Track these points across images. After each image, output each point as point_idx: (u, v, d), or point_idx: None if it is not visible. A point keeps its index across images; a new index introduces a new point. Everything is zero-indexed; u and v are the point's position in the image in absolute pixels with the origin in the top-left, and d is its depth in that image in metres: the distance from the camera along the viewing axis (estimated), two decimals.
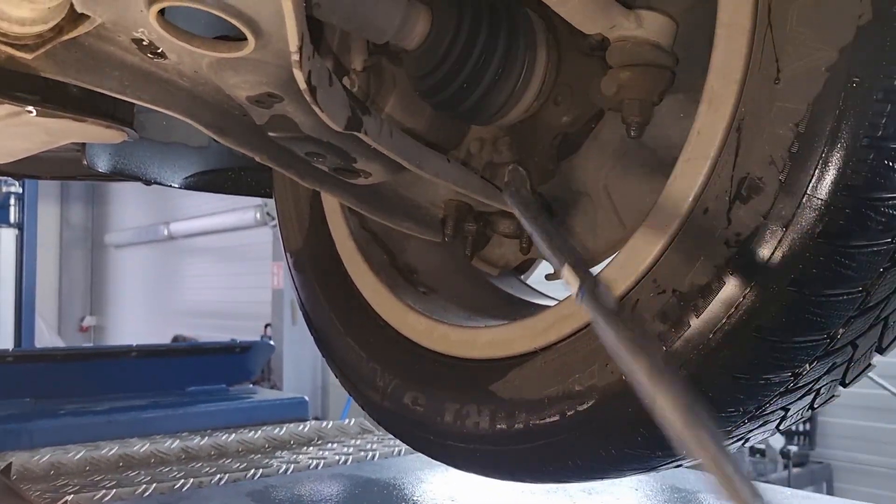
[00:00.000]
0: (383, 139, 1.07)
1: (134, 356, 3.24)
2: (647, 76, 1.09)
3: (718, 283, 0.93)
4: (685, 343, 0.96)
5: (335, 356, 1.52)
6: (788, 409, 1.08)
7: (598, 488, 1.79)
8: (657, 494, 1.80)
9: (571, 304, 1.13)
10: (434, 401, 1.29)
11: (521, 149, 1.34)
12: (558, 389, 1.10)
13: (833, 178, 0.85)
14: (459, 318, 1.39)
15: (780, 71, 0.89)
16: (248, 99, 1.03)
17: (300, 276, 1.62)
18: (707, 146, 0.97)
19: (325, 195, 1.58)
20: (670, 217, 1.00)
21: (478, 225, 1.38)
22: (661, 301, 0.99)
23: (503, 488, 1.78)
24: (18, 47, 0.87)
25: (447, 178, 1.18)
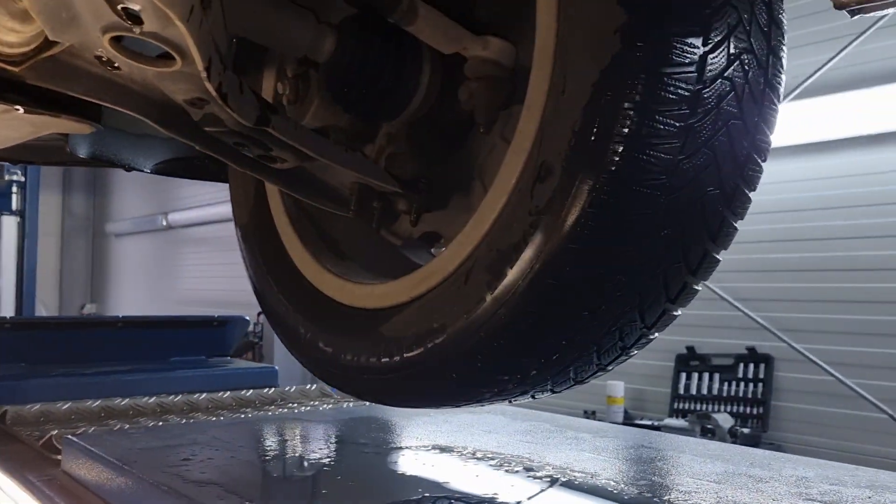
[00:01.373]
0: (289, 132, 1.39)
1: (120, 326, 3.57)
2: (490, 85, 1.42)
3: (524, 243, 1.25)
4: (504, 289, 1.28)
5: (270, 310, 1.85)
6: (599, 345, 1.40)
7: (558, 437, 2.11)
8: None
9: (438, 263, 1.46)
10: (339, 343, 1.62)
11: (415, 142, 1.67)
12: (424, 328, 1.43)
13: (598, 165, 1.18)
14: (367, 278, 1.72)
15: (566, 85, 1.21)
16: (185, 101, 1.35)
17: (247, 245, 1.95)
18: (525, 141, 1.29)
19: None
20: (501, 195, 1.33)
21: (382, 203, 1.70)
22: (490, 257, 1.32)
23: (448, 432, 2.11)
24: (8, 63, 1.19)
25: (346, 165, 1.51)
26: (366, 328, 1.57)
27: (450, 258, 1.43)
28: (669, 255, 1.30)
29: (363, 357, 1.55)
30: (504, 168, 1.34)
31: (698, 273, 1.39)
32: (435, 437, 2.06)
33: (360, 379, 1.58)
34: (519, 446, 2.01)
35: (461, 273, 1.38)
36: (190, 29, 1.04)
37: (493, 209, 1.34)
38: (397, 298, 1.53)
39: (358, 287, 1.65)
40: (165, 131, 1.44)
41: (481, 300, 1.32)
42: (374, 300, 1.58)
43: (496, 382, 1.42)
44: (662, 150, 1.18)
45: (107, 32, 1.15)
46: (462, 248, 1.40)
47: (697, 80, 1.18)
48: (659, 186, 1.20)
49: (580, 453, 1.93)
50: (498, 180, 1.35)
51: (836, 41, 5.94)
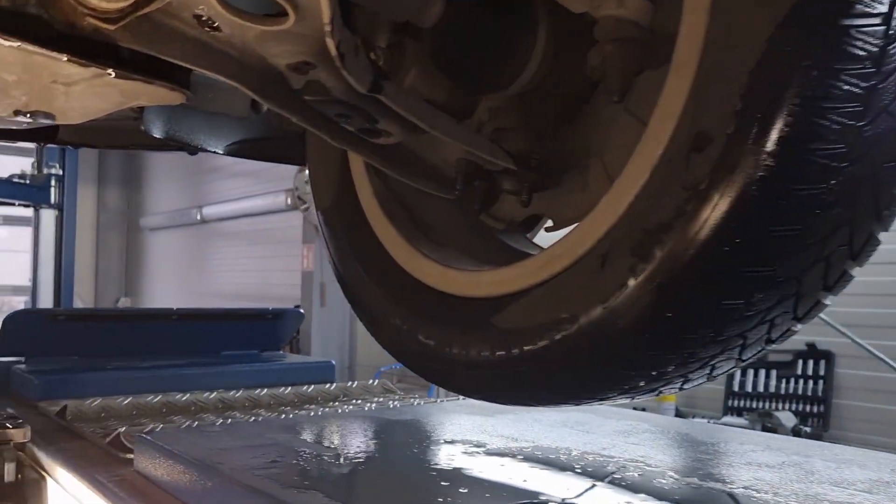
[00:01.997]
0: (400, 101, 1.26)
1: (174, 319, 3.47)
2: (626, 48, 1.27)
3: (677, 220, 1.11)
4: (651, 273, 1.14)
5: (359, 300, 1.72)
6: (746, 338, 1.25)
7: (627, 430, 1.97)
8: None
9: (563, 245, 1.32)
10: (444, 335, 1.48)
11: (524, 115, 1.53)
12: (549, 318, 1.29)
13: (769, 131, 1.03)
14: (468, 265, 1.58)
15: (729, 43, 1.06)
16: (287, 66, 1.22)
17: (329, 230, 1.82)
18: (673, 107, 1.14)
19: (352, 159, 1.78)
20: (643, 168, 1.18)
21: (486, 183, 1.56)
22: (633, 238, 1.17)
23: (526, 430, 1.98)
24: (104, 20, 1.07)
25: (456, 138, 1.37)
26: (475, 319, 1.43)
27: (578, 240, 1.28)
28: (836, 236, 1.15)
29: (473, 351, 1.42)
30: (646, 139, 1.19)
31: (859, 258, 1.23)
32: (535, 437, 1.92)
33: (468, 375, 1.45)
34: (629, 448, 1.86)
35: (594, 256, 1.24)
36: None
37: (633, 184, 1.20)
38: (513, 286, 1.39)
39: (462, 274, 1.51)
40: (262, 100, 1.31)
41: (622, 286, 1.17)
42: (484, 288, 1.44)
43: (628, 379, 1.28)
44: (843, 115, 1.03)
45: None
46: (594, 229, 1.25)
47: (885, 35, 1.03)
48: (835, 157, 1.05)
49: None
50: (638, 152, 1.20)
51: None
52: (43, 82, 1.15)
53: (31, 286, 12.02)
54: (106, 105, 1.28)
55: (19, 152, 13.45)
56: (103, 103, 1.27)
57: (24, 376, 2.99)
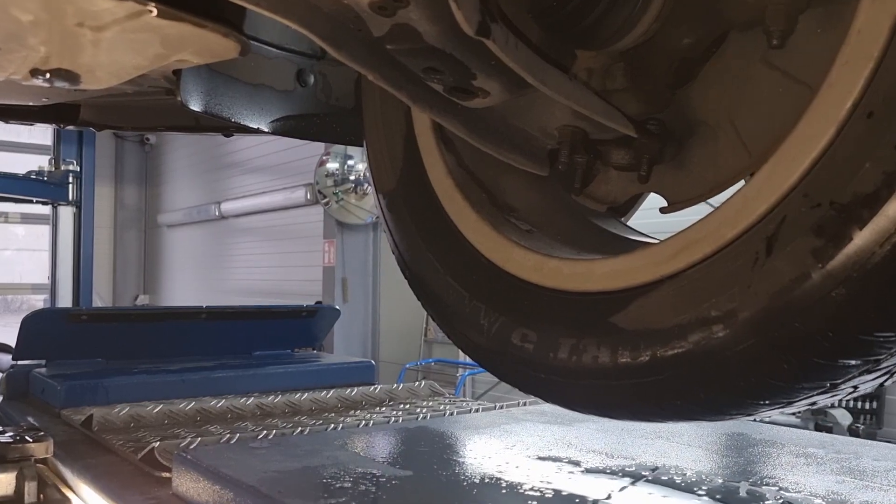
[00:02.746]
0: (510, 50, 1.01)
1: (203, 318, 3.24)
2: None
3: (888, 190, 0.85)
4: (847, 259, 0.89)
5: (432, 296, 1.48)
6: None
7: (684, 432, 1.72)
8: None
9: (704, 227, 1.07)
10: (547, 337, 1.24)
11: (636, 74, 1.27)
12: (693, 317, 1.04)
13: None
14: (568, 253, 1.33)
15: None
16: (371, 5, 0.98)
17: (394, 216, 1.58)
18: (870, 45, 0.89)
19: (420, 134, 1.53)
20: (825, 125, 0.93)
21: (588, 156, 1.31)
22: (815, 215, 0.92)
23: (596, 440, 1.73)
24: None
25: (570, 98, 1.12)
26: (589, 317, 1.18)
27: (727, 221, 1.03)
28: None
29: (586, 356, 1.17)
30: (828, 89, 0.94)
31: None
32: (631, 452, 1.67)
33: (580, 385, 1.20)
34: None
35: (756, 239, 0.98)
36: None
37: (808, 149, 0.94)
38: (636, 278, 1.14)
39: (566, 264, 1.26)
40: (332, 51, 1.07)
41: (803, 277, 0.92)
42: (597, 281, 1.19)
43: (795, 391, 1.03)
44: None
45: None
46: (750, 207, 1.00)
47: None
48: None
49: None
50: (816, 106, 0.95)
51: None
52: (67, 24, 0.90)
53: (50, 284, 11.88)
54: (142, 59, 1.04)
55: (36, 150, 13.31)
56: (139, 57, 1.02)
57: (45, 381, 2.77)
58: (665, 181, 1.32)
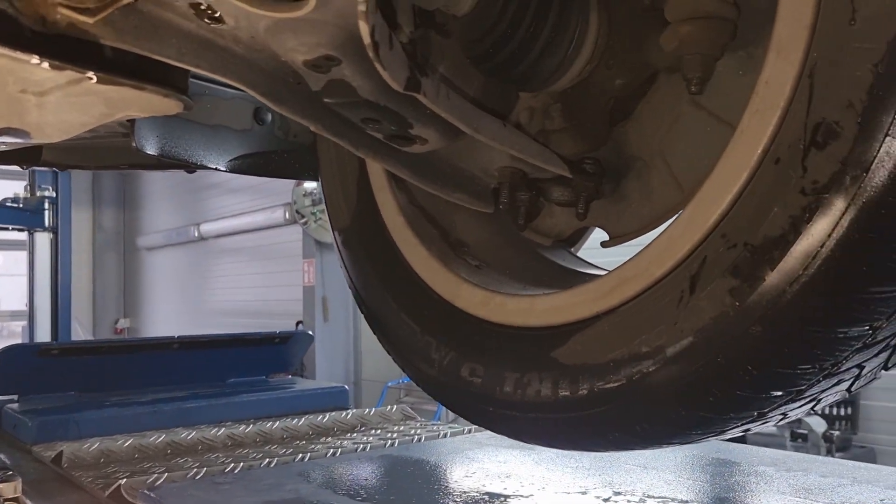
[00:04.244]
0: (441, 101, 1.05)
1: (175, 348, 3.25)
2: (708, 28, 1.06)
3: (794, 234, 0.90)
4: (760, 298, 0.93)
5: (387, 331, 1.51)
6: (864, 367, 1.05)
7: (652, 462, 1.76)
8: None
9: (635, 265, 1.11)
10: (493, 371, 1.27)
11: (573, 114, 1.32)
12: (625, 353, 1.08)
13: None
14: (514, 288, 1.37)
15: (856, 11, 0.86)
16: (306, 63, 1.02)
17: (349, 253, 1.61)
18: (776, 96, 0.94)
19: (372, 173, 1.57)
20: (738, 171, 0.98)
21: (531, 194, 1.36)
22: (732, 256, 0.97)
23: (553, 465, 1.77)
24: (80, 11, 0.86)
25: (504, 143, 1.17)
26: (531, 352, 1.22)
27: (655, 259, 1.08)
28: None
29: (531, 390, 1.21)
30: (740, 136, 0.99)
31: None
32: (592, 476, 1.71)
33: (525, 417, 1.24)
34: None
35: (680, 278, 1.03)
36: None
37: (724, 192, 0.99)
38: (574, 314, 1.18)
39: (511, 300, 1.30)
40: (273, 106, 1.11)
41: (722, 314, 0.97)
42: (538, 316, 1.24)
43: (722, 421, 1.08)
44: None
45: None
46: (675, 247, 1.05)
47: None
48: None
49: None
50: (730, 153, 1.00)
51: None
52: (10, 92, 0.94)
53: (28, 311, 11.80)
54: (88, 118, 1.07)
55: (11, 175, 13.24)
56: (84, 116, 1.06)
57: (16, 417, 2.78)
58: (605, 216, 1.37)
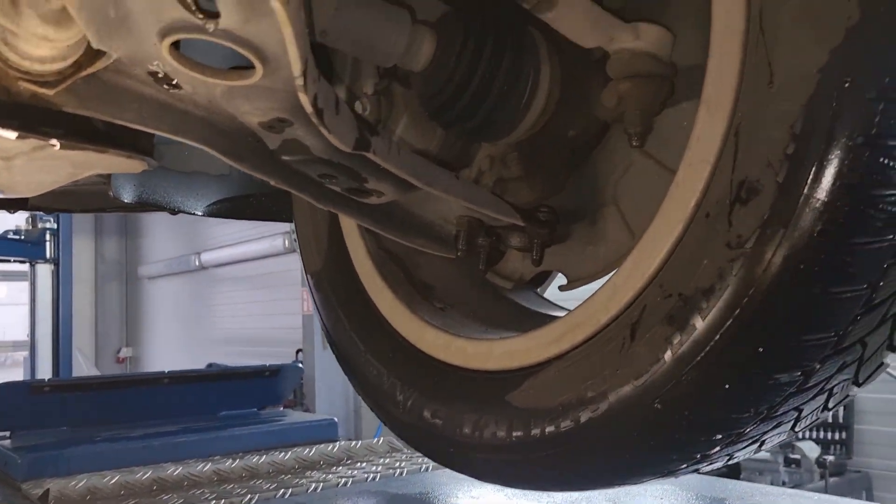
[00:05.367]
0: (392, 158, 1.10)
1: (166, 383, 3.29)
2: (646, 86, 1.11)
3: (721, 284, 0.94)
4: (693, 346, 0.97)
5: (356, 372, 1.55)
6: (802, 410, 1.08)
7: (623, 498, 1.79)
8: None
9: (584, 312, 1.15)
10: (452, 413, 1.31)
11: (529, 163, 1.37)
12: (573, 397, 1.12)
13: (830, 177, 0.87)
14: (475, 331, 1.41)
15: (774, 74, 0.91)
16: (260, 125, 1.07)
17: (321, 295, 1.66)
18: (707, 151, 0.99)
19: (342, 218, 1.62)
20: (674, 223, 1.02)
21: (490, 239, 1.40)
22: (667, 305, 1.01)
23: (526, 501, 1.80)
24: (40, 84, 0.91)
25: (456, 195, 1.21)
26: (488, 395, 1.26)
27: (601, 307, 1.12)
28: None
29: (486, 431, 1.25)
30: (675, 188, 1.04)
31: None
32: None
33: (482, 458, 1.28)
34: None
35: (623, 325, 1.07)
36: (290, 13, 0.75)
37: (662, 243, 1.04)
38: (528, 358, 1.22)
39: (470, 344, 1.34)
40: (234, 164, 1.15)
41: (657, 361, 1.01)
42: (496, 360, 1.28)
43: (666, 463, 1.11)
44: None
45: (167, 35, 0.86)
46: (619, 295, 1.09)
47: None
48: None
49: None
50: (667, 205, 1.05)
51: None
52: None
53: (30, 342, 11.86)
54: (56, 178, 1.12)
55: None
56: (52, 176, 1.11)
57: (7, 454, 2.81)
58: (562, 260, 1.42)
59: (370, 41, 1.19)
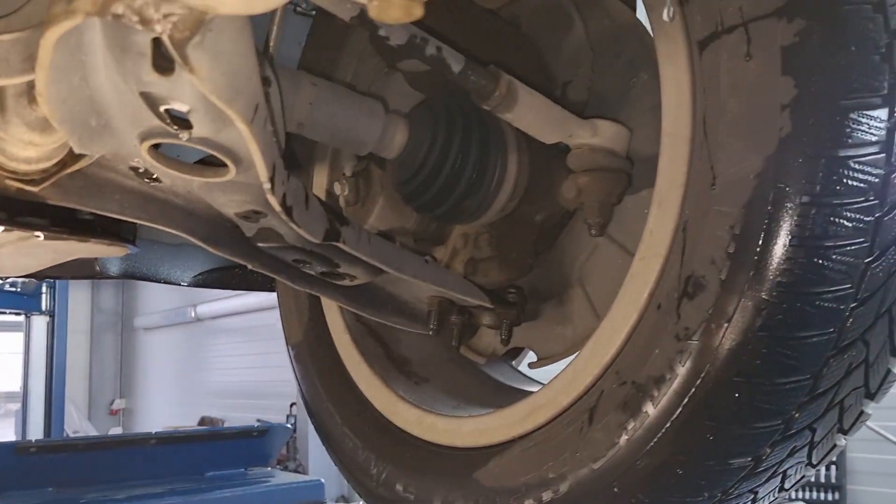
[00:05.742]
0: (362, 247, 1.15)
1: (153, 443, 3.30)
2: (603, 180, 1.17)
3: (671, 374, 0.99)
4: (646, 433, 1.01)
5: (333, 445, 1.58)
6: (757, 493, 1.12)
7: None
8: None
9: (546, 394, 1.19)
10: (424, 489, 1.34)
11: (500, 244, 1.42)
12: (535, 478, 1.15)
13: (768, 276, 0.92)
14: (448, 407, 1.45)
15: (716, 177, 0.97)
16: (236, 215, 1.12)
17: (301, 367, 1.70)
18: (658, 245, 1.04)
19: None
20: (630, 312, 1.07)
21: (462, 317, 1.45)
22: (622, 392, 1.05)
23: None
24: (25, 182, 0.97)
25: (425, 279, 1.26)
26: (457, 472, 1.29)
27: (563, 389, 1.16)
28: (850, 380, 1.04)
29: None
30: (631, 279, 1.09)
31: (877, 395, 1.12)
32: None
33: None
34: None
35: (582, 409, 1.11)
36: (254, 131, 0.81)
37: (619, 331, 1.08)
38: (494, 437, 1.26)
39: (441, 420, 1.38)
40: (213, 250, 1.21)
41: (613, 445, 1.05)
42: (464, 438, 1.31)
43: None
44: (847, 253, 0.93)
45: (146, 140, 0.92)
46: (579, 379, 1.13)
47: (886, 162, 0.94)
48: (843, 298, 0.95)
49: None
50: (623, 294, 1.10)
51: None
52: None
53: (22, 394, 11.78)
54: (40, 262, 1.17)
55: None
56: (37, 261, 1.16)
57: None
58: (532, 338, 1.46)
59: (345, 132, 1.25)
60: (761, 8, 0.93)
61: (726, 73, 0.96)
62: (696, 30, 1.00)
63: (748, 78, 0.93)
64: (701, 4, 0.99)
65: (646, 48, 1.25)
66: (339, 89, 1.24)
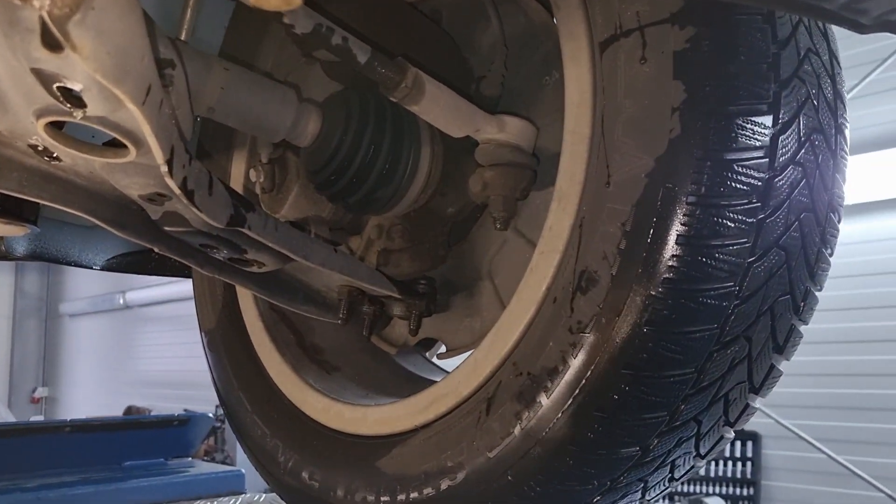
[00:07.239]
0: (268, 233, 1.15)
1: (68, 431, 3.22)
2: (508, 175, 1.20)
3: (563, 366, 1.02)
4: (539, 422, 1.04)
5: (243, 433, 1.58)
6: (647, 481, 1.16)
7: None
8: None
9: (448, 384, 1.21)
10: (328, 477, 1.35)
11: (413, 236, 1.44)
12: (434, 466, 1.17)
13: (655, 272, 0.95)
14: (356, 396, 1.46)
15: (610, 176, 1.00)
16: (140, 197, 1.11)
17: (213, 355, 1.69)
18: (557, 241, 1.07)
19: None
20: (528, 305, 1.10)
21: (373, 307, 1.46)
22: (518, 383, 1.08)
23: None
24: None
25: (333, 268, 1.27)
26: (361, 460, 1.31)
27: (464, 380, 1.18)
28: (734, 375, 1.08)
29: (357, 496, 1.29)
30: (530, 273, 1.12)
31: (761, 390, 1.17)
32: None
33: None
34: None
35: (480, 399, 1.14)
36: (146, 113, 0.81)
37: (517, 323, 1.11)
38: (398, 426, 1.27)
39: (347, 409, 1.39)
40: (118, 233, 1.19)
41: (508, 434, 1.07)
42: (369, 426, 1.33)
43: None
44: (731, 252, 0.97)
45: (41, 117, 0.91)
46: (479, 369, 1.16)
47: (769, 167, 0.98)
48: (726, 296, 0.99)
49: None
50: (522, 287, 1.12)
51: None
52: None
53: None
54: None
55: None
56: None
57: None
58: (441, 329, 1.48)
59: (256, 118, 1.25)
60: (657, 13, 0.96)
61: (623, 74, 0.99)
62: (597, 31, 1.03)
63: (642, 80, 0.97)
64: (602, 6, 1.02)
65: (559, 48, 1.28)
66: (251, 75, 1.24)
